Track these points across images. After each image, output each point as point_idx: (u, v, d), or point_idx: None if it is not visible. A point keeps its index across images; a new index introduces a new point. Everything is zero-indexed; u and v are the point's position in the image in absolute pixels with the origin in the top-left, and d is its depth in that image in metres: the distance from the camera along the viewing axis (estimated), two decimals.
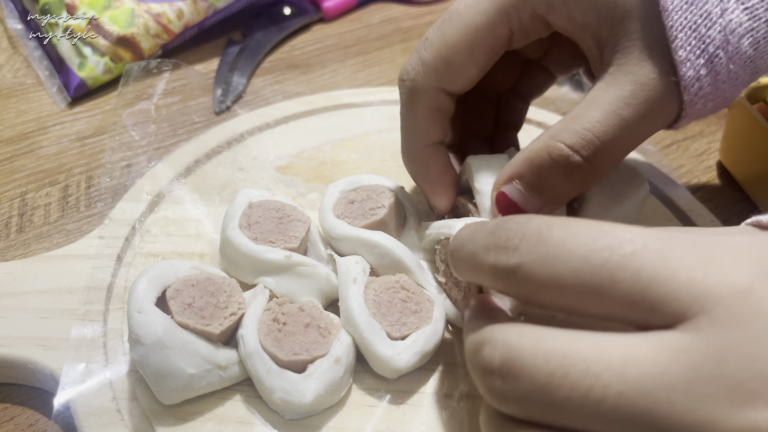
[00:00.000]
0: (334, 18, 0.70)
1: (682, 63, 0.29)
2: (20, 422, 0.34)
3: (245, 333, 0.32)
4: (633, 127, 0.31)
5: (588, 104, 0.31)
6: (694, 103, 0.30)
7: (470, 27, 0.34)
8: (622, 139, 0.31)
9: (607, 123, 0.31)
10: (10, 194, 0.47)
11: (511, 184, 0.33)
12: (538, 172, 0.32)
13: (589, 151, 0.31)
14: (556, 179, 0.32)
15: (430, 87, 0.35)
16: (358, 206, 0.38)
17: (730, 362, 0.20)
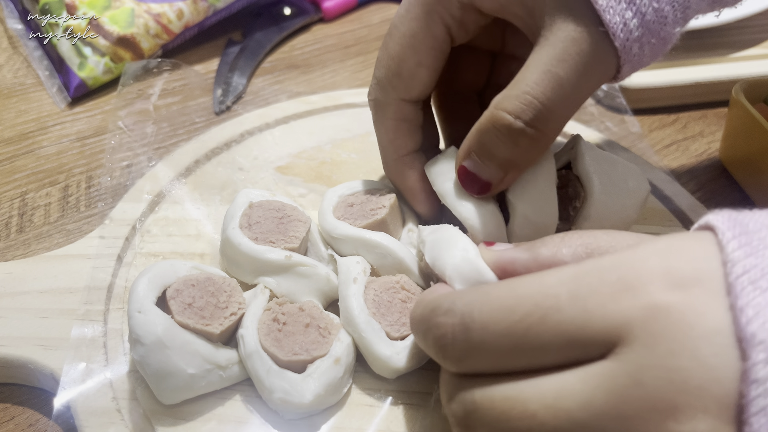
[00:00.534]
0: (334, 18, 0.70)
1: (604, 11, 0.30)
2: (20, 422, 0.34)
3: (245, 333, 0.32)
4: (571, 83, 0.31)
5: (525, 69, 0.32)
6: (629, 48, 0.31)
7: (408, 35, 0.36)
8: (562, 97, 0.31)
9: (544, 83, 0.31)
10: (10, 194, 0.47)
11: (469, 158, 0.34)
12: (487, 143, 0.33)
13: (530, 114, 0.31)
14: (505, 147, 0.33)
15: (390, 100, 0.37)
16: (358, 208, 0.38)
17: (647, 380, 0.20)
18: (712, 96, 0.57)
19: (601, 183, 0.38)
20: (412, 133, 0.39)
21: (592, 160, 0.39)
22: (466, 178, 0.35)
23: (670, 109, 0.58)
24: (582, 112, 0.56)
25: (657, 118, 0.57)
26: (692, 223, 0.44)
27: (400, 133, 0.38)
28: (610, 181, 0.38)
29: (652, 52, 0.32)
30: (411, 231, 0.39)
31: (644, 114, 0.57)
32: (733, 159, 0.51)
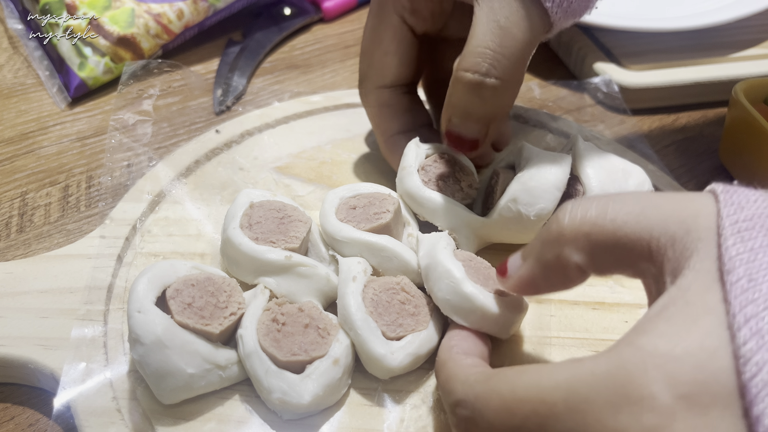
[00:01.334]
0: (334, 18, 0.70)
1: None
2: (20, 422, 0.34)
3: (244, 333, 0.32)
4: (514, 29, 0.34)
5: (472, 28, 0.36)
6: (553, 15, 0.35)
7: (371, 29, 0.42)
8: (509, 41, 0.35)
9: (490, 34, 0.35)
10: (10, 194, 0.47)
11: (450, 122, 0.39)
12: (459, 103, 0.37)
13: (485, 66, 0.35)
14: (473, 102, 0.37)
15: (370, 89, 0.43)
16: (360, 211, 0.38)
17: None
18: (712, 96, 0.57)
19: (600, 182, 0.38)
20: (395, 116, 0.43)
21: (590, 160, 0.39)
22: (454, 141, 0.39)
23: (670, 109, 0.58)
24: (582, 112, 0.56)
25: (657, 118, 0.57)
26: None
27: (384, 117, 0.43)
28: (610, 180, 0.38)
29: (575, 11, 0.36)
30: (411, 236, 0.39)
31: (644, 114, 0.57)
32: (733, 159, 0.51)
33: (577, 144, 0.40)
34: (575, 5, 0.36)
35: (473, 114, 0.37)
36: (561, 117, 0.53)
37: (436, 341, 0.34)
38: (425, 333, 0.33)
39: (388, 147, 0.44)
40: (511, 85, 0.37)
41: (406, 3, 0.40)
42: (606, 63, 0.58)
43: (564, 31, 0.41)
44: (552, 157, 0.39)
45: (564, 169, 0.38)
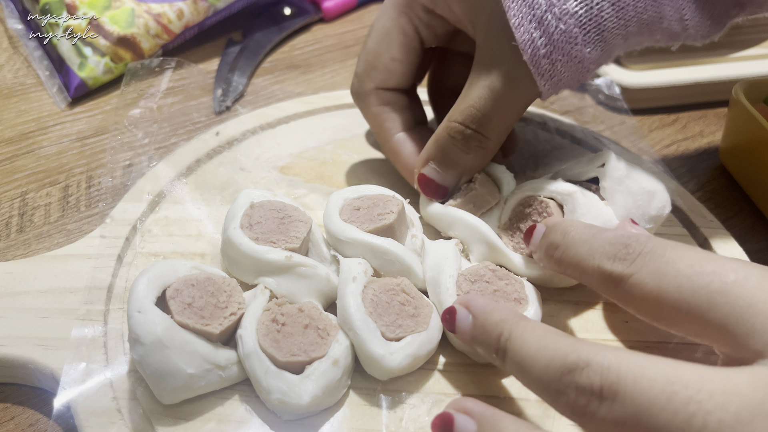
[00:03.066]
0: (334, 18, 0.70)
1: (516, 29, 0.34)
2: (20, 422, 0.34)
3: (244, 333, 0.32)
4: (504, 96, 0.36)
5: (469, 86, 0.37)
6: (538, 63, 0.34)
7: (382, 32, 0.41)
8: (499, 106, 0.36)
9: (483, 97, 0.36)
10: (10, 194, 0.47)
11: (428, 166, 0.39)
12: (443, 150, 0.39)
13: (477, 124, 0.37)
14: (458, 152, 0.38)
15: (369, 90, 0.42)
16: (364, 212, 0.38)
17: None
18: (712, 96, 0.57)
19: (626, 208, 0.37)
20: (398, 115, 0.43)
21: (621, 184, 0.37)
22: (427, 185, 0.40)
23: (670, 109, 0.58)
24: (582, 113, 0.56)
25: (657, 118, 0.57)
26: (692, 223, 0.44)
27: (386, 116, 0.43)
28: (635, 205, 0.37)
29: (567, 70, 0.35)
30: (415, 237, 0.39)
31: (644, 114, 0.57)
32: (733, 159, 0.51)
33: (609, 162, 0.38)
34: (565, 81, 0.36)
35: (453, 162, 0.39)
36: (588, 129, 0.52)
37: (435, 342, 0.34)
38: (425, 334, 0.33)
39: (393, 147, 0.43)
40: (495, 144, 0.38)
41: (423, 16, 0.40)
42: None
43: None
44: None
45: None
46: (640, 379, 0.23)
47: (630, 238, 0.27)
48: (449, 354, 0.36)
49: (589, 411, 0.24)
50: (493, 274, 0.36)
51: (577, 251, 0.30)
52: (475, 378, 0.35)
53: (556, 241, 0.32)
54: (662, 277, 0.25)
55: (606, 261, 0.28)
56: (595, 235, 0.29)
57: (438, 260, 0.36)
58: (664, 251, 0.26)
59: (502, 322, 0.29)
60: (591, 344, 0.25)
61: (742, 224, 0.47)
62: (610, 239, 0.28)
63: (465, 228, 0.38)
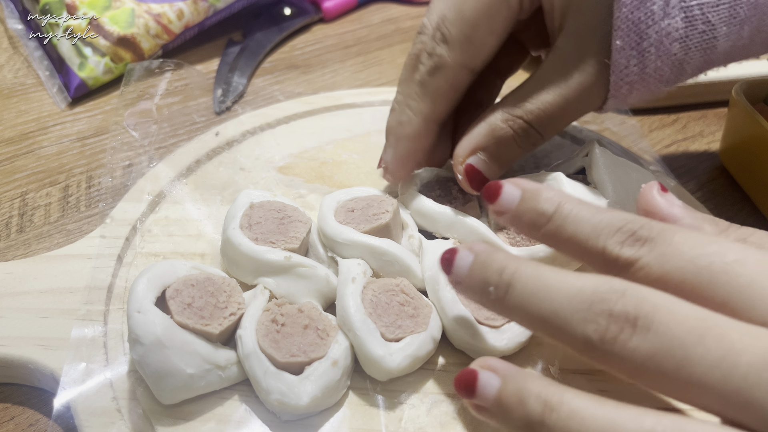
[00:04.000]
0: (334, 18, 0.70)
1: (617, 51, 0.34)
2: (20, 422, 0.34)
3: (243, 333, 0.32)
4: (572, 103, 0.36)
5: (542, 82, 0.36)
6: (620, 86, 0.35)
7: (485, 1, 0.36)
8: (564, 115, 0.36)
9: (554, 103, 0.36)
10: (10, 194, 0.47)
11: (476, 156, 0.38)
12: (499, 143, 0.37)
13: (540, 124, 0.36)
14: (513, 148, 0.37)
15: (456, 64, 0.37)
16: (359, 213, 0.38)
17: None
18: (712, 96, 0.57)
19: (615, 192, 0.38)
20: (452, 103, 0.39)
21: (606, 168, 0.39)
22: (473, 177, 0.38)
23: (670, 109, 0.58)
24: None
25: (657, 118, 0.57)
26: None
27: (447, 99, 0.39)
28: (624, 189, 0.38)
29: (637, 98, 0.36)
30: (412, 237, 0.39)
31: (644, 114, 0.57)
32: (733, 159, 0.51)
33: (593, 151, 0.40)
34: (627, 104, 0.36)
35: (503, 157, 0.38)
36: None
37: (435, 343, 0.34)
38: (424, 335, 0.33)
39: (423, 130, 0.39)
40: (544, 142, 0.38)
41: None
42: None
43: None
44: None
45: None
46: (676, 312, 0.23)
47: (637, 223, 0.27)
48: (449, 354, 0.36)
49: (621, 339, 0.23)
50: None
51: (578, 229, 0.28)
52: None
53: (546, 212, 0.29)
54: (667, 260, 0.25)
55: (614, 245, 0.26)
56: (596, 215, 0.28)
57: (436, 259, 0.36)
58: (671, 236, 0.26)
59: (508, 259, 0.27)
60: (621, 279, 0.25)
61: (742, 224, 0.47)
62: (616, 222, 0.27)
63: (464, 229, 0.38)
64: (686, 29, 0.33)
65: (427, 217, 0.40)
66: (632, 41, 0.33)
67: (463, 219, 0.38)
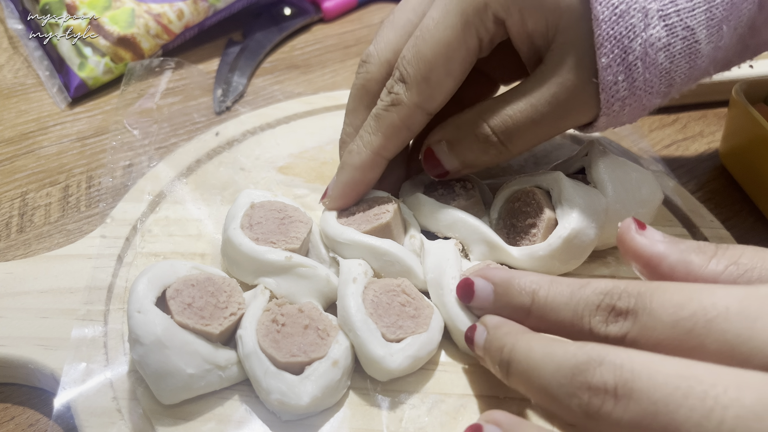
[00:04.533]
0: (334, 18, 0.70)
1: (603, 69, 0.33)
2: (20, 422, 0.34)
3: (244, 333, 0.32)
4: (548, 122, 0.35)
5: (517, 93, 0.36)
6: (611, 104, 0.34)
7: (443, 43, 0.35)
8: (536, 129, 0.36)
9: (527, 115, 0.35)
10: (10, 194, 0.47)
11: (440, 144, 0.38)
12: (462, 141, 0.38)
13: (506, 135, 0.36)
14: (475, 150, 0.37)
15: (412, 104, 0.36)
16: (360, 214, 0.38)
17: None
18: (712, 96, 0.57)
19: (615, 191, 0.38)
20: (403, 143, 0.38)
21: (606, 168, 0.39)
22: (430, 161, 0.39)
23: (670, 109, 0.58)
24: None
25: (657, 118, 0.57)
26: (692, 223, 0.44)
27: (400, 137, 0.38)
28: (624, 189, 0.38)
29: (630, 115, 0.36)
30: (413, 237, 0.39)
31: None
32: (733, 159, 0.51)
33: (593, 150, 0.40)
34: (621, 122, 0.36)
35: (465, 156, 0.38)
36: None
37: (436, 344, 0.34)
38: (425, 335, 0.33)
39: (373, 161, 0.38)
40: (512, 156, 0.38)
41: (491, 28, 0.35)
42: None
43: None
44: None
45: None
46: (655, 375, 0.23)
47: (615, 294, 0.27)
48: (449, 354, 0.36)
49: (604, 412, 0.23)
50: None
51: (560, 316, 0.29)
52: (475, 378, 0.35)
53: (524, 306, 0.30)
54: (651, 332, 0.25)
55: (598, 325, 0.27)
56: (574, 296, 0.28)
57: (439, 261, 0.36)
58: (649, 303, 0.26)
59: (507, 336, 0.29)
60: (599, 344, 0.25)
61: (742, 224, 0.47)
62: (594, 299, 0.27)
63: (465, 228, 0.38)
64: (668, 37, 0.33)
65: (429, 216, 0.40)
66: (617, 57, 0.33)
67: (465, 218, 0.38)
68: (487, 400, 0.34)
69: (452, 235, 0.39)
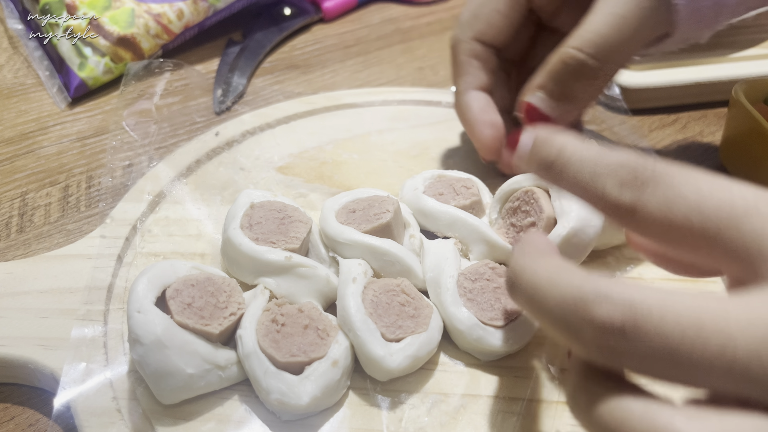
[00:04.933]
0: (334, 18, 0.70)
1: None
2: (20, 422, 0.34)
3: (243, 333, 0.32)
4: (630, 26, 0.35)
5: (591, 13, 0.36)
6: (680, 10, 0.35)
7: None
8: (623, 35, 0.35)
9: (606, 22, 0.35)
10: (10, 194, 0.47)
11: (535, 95, 0.38)
12: (555, 78, 0.37)
13: (593, 48, 0.36)
14: (571, 81, 0.37)
15: (465, 38, 0.42)
16: (360, 214, 0.38)
17: None
18: (712, 96, 0.57)
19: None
20: (481, 71, 0.43)
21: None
22: (530, 114, 0.39)
23: (670, 109, 0.58)
24: None
25: (657, 118, 0.57)
26: None
27: (471, 68, 0.42)
28: None
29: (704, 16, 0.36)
30: (413, 237, 0.39)
31: (644, 114, 0.57)
32: (733, 159, 0.51)
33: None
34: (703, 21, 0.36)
35: (564, 92, 0.38)
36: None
37: (435, 343, 0.34)
38: (425, 335, 0.33)
39: (465, 101, 0.43)
40: (610, 75, 0.37)
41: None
42: None
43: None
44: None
45: None
46: (667, 312, 0.22)
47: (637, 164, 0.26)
48: (450, 354, 0.36)
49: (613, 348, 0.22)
50: (493, 272, 0.36)
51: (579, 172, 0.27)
52: (475, 378, 0.35)
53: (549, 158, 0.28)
54: (670, 206, 0.24)
55: (613, 188, 0.25)
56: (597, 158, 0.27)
57: (438, 260, 0.37)
58: (672, 177, 0.25)
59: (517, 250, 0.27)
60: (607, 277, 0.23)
61: None
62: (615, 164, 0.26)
63: (465, 228, 0.38)
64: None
65: (429, 216, 0.40)
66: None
67: (465, 218, 0.38)
68: (487, 400, 0.34)
69: (452, 235, 0.39)
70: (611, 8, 0.35)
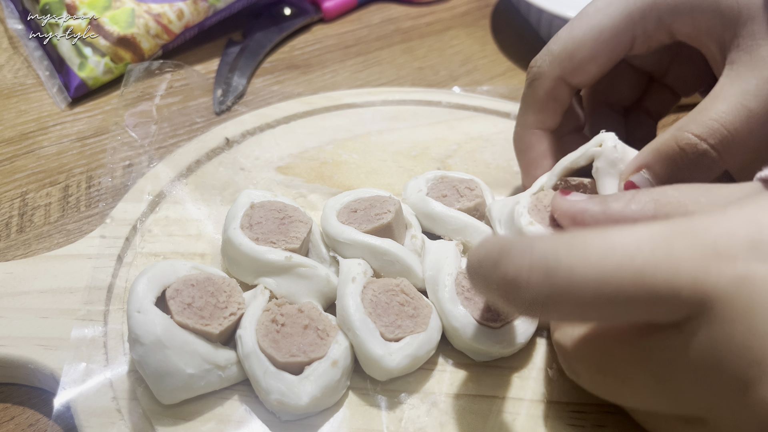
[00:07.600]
0: (334, 18, 0.70)
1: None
2: (20, 422, 0.34)
3: (243, 333, 0.32)
4: (759, 117, 0.32)
5: (713, 98, 0.33)
6: None
7: (596, 27, 0.37)
8: (749, 128, 0.32)
9: (733, 114, 0.32)
10: (10, 194, 0.47)
11: (639, 174, 0.35)
12: (666, 162, 0.34)
13: (716, 139, 0.32)
14: (684, 168, 0.33)
15: (553, 75, 0.39)
16: (362, 213, 0.38)
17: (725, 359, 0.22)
18: None
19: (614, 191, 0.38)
20: (555, 113, 0.40)
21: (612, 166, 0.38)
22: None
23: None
24: None
25: None
26: None
27: (547, 108, 0.40)
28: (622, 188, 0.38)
29: None
30: (414, 237, 0.39)
31: None
32: None
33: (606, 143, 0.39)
34: None
35: (673, 178, 0.34)
36: None
37: (434, 343, 0.34)
38: (424, 335, 0.33)
39: (530, 137, 0.41)
40: (729, 167, 0.34)
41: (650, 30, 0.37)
42: None
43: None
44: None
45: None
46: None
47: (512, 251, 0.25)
48: (449, 354, 0.36)
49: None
50: None
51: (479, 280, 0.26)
52: (474, 378, 0.35)
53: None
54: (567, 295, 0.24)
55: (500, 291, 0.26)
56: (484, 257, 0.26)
57: (438, 259, 0.37)
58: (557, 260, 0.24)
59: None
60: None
61: None
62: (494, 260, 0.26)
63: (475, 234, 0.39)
64: None
65: (436, 220, 0.40)
66: None
67: (471, 223, 0.38)
68: (486, 400, 0.34)
69: (459, 239, 0.39)
70: (740, 99, 0.32)
